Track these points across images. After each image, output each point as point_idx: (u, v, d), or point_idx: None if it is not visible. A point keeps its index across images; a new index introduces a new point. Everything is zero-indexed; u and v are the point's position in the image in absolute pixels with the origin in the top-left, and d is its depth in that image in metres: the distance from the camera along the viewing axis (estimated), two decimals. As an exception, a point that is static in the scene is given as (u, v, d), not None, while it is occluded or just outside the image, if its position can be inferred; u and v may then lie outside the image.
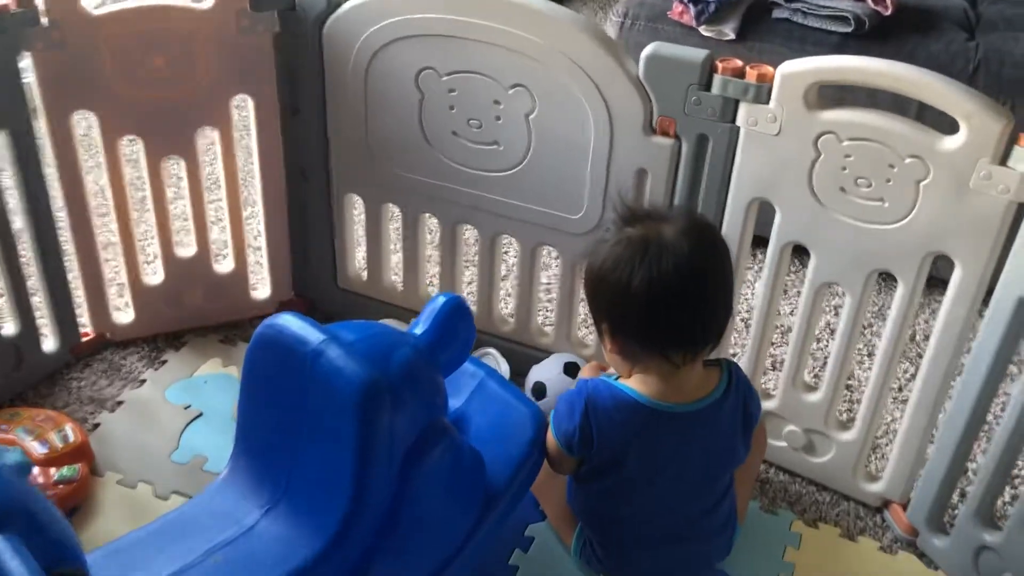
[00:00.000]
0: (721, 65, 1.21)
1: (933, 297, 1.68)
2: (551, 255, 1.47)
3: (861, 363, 1.64)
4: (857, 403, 1.52)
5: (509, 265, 1.68)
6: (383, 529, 1.00)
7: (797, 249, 1.28)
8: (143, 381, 1.50)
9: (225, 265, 1.61)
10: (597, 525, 1.18)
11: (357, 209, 1.59)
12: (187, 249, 1.56)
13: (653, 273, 1.02)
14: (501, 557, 1.25)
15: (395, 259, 1.62)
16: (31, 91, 1.34)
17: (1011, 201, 1.09)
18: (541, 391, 1.44)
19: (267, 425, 1.06)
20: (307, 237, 1.62)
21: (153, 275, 1.57)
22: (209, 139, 1.50)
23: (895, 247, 1.20)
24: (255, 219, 1.63)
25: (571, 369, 1.43)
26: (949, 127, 1.11)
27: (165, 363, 1.54)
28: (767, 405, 1.39)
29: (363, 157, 1.50)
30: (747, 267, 1.70)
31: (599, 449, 1.10)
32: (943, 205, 1.13)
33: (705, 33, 1.74)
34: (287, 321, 1.02)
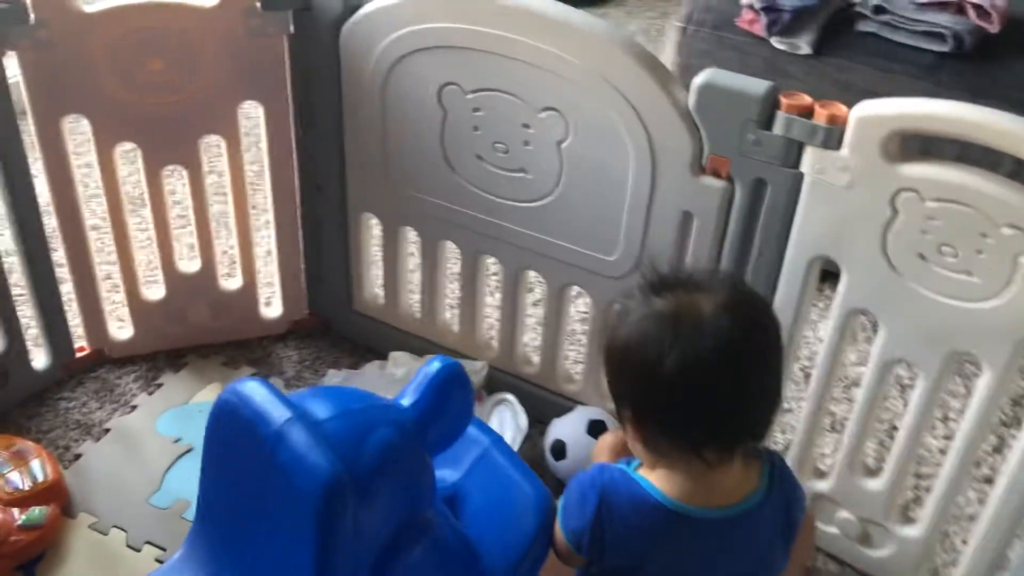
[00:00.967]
0: (786, 101, 1.03)
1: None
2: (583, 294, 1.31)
3: (930, 450, 1.44)
4: (925, 490, 1.33)
5: (535, 301, 1.52)
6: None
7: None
8: (134, 407, 1.39)
9: (233, 281, 1.48)
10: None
11: (374, 229, 1.44)
12: (191, 263, 1.44)
13: (688, 355, 0.85)
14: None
15: (413, 285, 1.47)
16: (18, 92, 1.23)
17: None
18: (560, 451, 1.28)
19: (228, 503, 0.93)
20: (321, 255, 1.48)
21: (154, 290, 1.46)
22: (215, 148, 1.37)
23: (982, 329, 1.00)
24: (266, 233, 1.50)
25: (596, 428, 1.27)
26: (1060, 194, 0.92)
27: (160, 387, 1.43)
28: (819, 486, 1.21)
29: (380, 176, 1.35)
30: (809, 314, 1.52)
31: (611, 555, 0.94)
32: (1046, 286, 0.94)
33: (777, 46, 1.54)
34: (251, 391, 0.88)
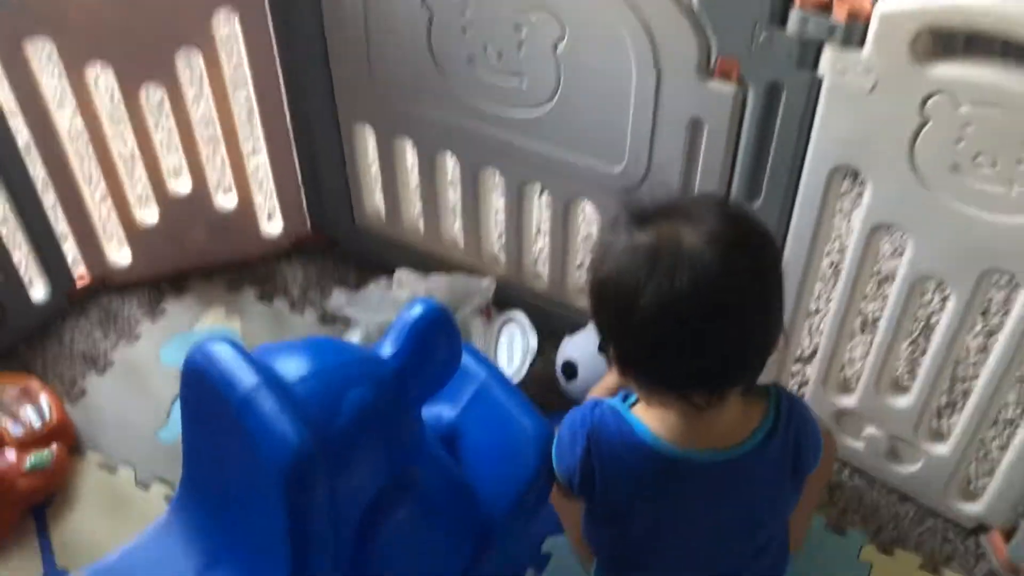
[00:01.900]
0: (801, -6, 0.90)
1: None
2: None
3: (963, 365, 1.33)
4: (962, 394, 1.25)
5: (542, 216, 1.43)
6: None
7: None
8: (138, 336, 1.36)
9: (227, 200, 1.42)
10: (614, 570, 1.00)
11: (370, 140, 1.36)
12: (182, 184, 1.38)
13: (663, 291, 0.77)
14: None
15: (415, 199, 1.39)
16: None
17: None
18: (572, 371, 1.23)
19: (209, 461, 0.90)
20: (318, 169, 1.41)
21: (148, 214, 1.40)
22: (193, 62, 1.28)
23: (1022, 245, 0.90)
24: (258, 150, 1.42)
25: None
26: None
27: (164, 312, 1.39)
28: (844, 401, 1.15)
29: (368, 84, 1.25)
30: (831, 230, 1.40)
31: (602, 496, 0.89)
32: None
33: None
34: (218, 352, 0.82)
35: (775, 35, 0.93)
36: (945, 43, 0.87)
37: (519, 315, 1.29)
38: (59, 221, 1.35)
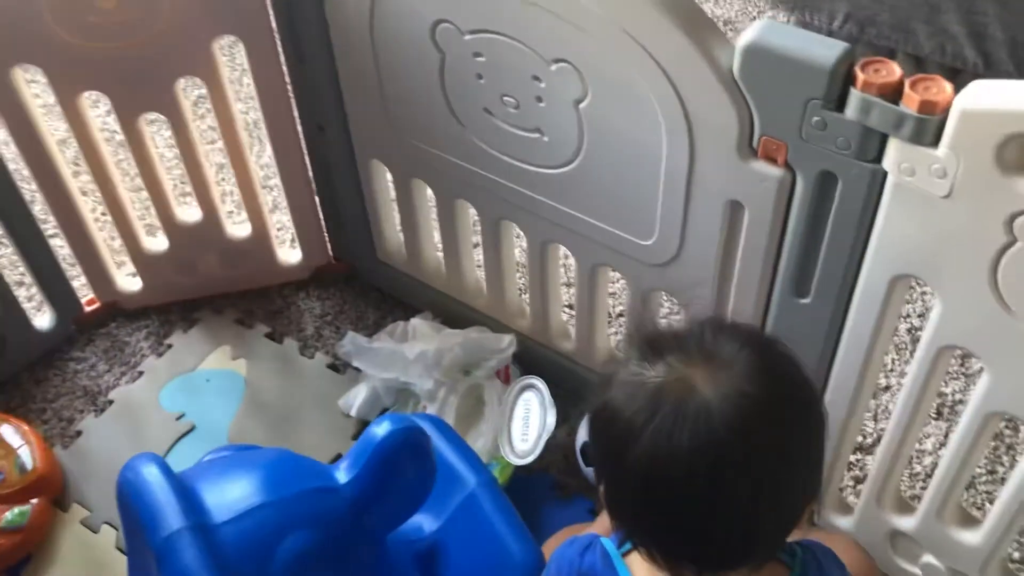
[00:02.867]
0: (863, 75, 0.73)
1: None
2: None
3: None
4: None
5: (570, 274, 1.28)
6: None
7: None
8: (141, 373, 1.29)
9: (241, 229, 1.32)
10: None
11: (388, 177, 1.23)
12: (191, 213, 1.29)
13: (659, 446, 0.64)
14: None
15: (437, 241, 1.27)
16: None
17: None
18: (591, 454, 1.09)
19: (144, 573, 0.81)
20: (337, 200, 1.29)
21: (156, 242, 1.31)
22: (196, 91, 1.18)
23: (1126, 401, 0.73)
24: (273, 178, 1.31)
25: (631, 435, 1.07)
26: None
27: (170, 348, 1.31)
28: (901, 523, 0.99)
29: (383, 121, 1.12)
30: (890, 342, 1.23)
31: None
32: None
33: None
34: (145, 480, 0.73)
35: (830, 119, 0.76)
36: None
37: (539, 383, 1.16)
38: (64, 247, 1.28)
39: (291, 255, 1.37)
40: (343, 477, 0.76)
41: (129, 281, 1.35)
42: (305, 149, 1.24)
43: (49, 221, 1.25)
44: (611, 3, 0.82)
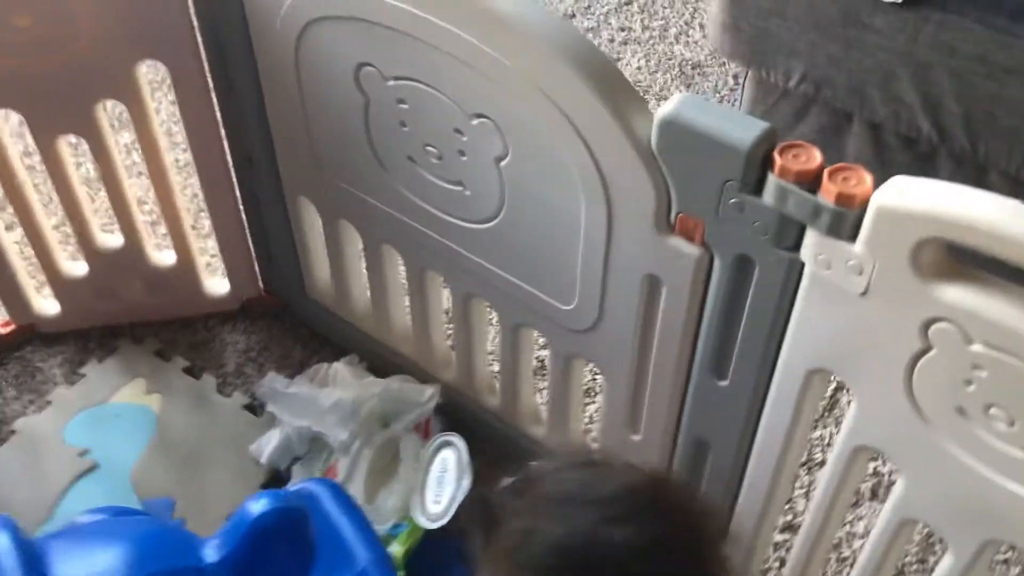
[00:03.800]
0: (780, 160, 0.68)
1: None
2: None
3: None
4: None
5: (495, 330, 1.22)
6: None
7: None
8: (49, 402, 1.23)
9: (165, 257, 1.27)
10: None
11: (317, 217, 1.18)
12: (112, 239, 1.23)
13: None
14: None
15: (365, 283, 1.22)
16: None
17: None
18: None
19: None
20: (267, 234, 1.24)
21: (75, 266, 1.26)
22: (116, 114, 1.13)
23: (1040, 524, 0.68)
24: (202, 207, 1.26)
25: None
26: None
27: (83, 378, 1.26)
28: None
29: (308, 159, 1.08)
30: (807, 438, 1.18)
31: None
32: None
33: (861, -14, 1.13)
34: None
35: (747, 202, 0.72)
36: (969, 256, 0.65)
37: (458, 441, 1.10)
38: (-22, 266, 1.22)
39: (219, 285, 1.32)
40: (212, 556, 0.71)
41: (47, 304, 1.30)
42: (235, 179, 1.20)
43: (-39, 240, 1.20)
44: (525, 59, 0.78)
